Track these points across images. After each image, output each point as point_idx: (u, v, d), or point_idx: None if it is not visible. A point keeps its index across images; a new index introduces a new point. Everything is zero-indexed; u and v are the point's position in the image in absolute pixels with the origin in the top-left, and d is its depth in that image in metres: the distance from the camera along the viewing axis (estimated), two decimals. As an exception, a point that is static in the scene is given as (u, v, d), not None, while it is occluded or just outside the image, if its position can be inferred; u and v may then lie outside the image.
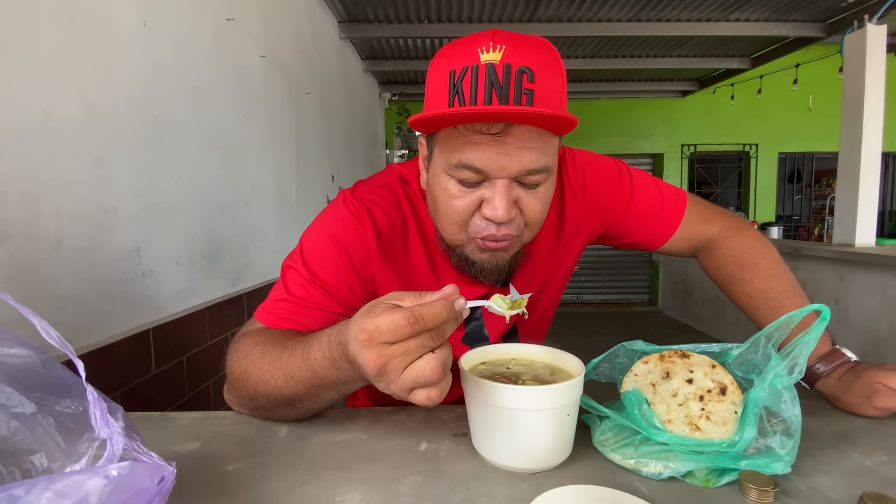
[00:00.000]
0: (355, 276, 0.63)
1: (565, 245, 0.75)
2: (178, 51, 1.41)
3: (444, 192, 0.57)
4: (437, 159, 0.58)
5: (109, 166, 1.13)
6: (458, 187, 0.56)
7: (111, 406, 0.38)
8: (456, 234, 0.60)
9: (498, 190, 0.54)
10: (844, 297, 3.08)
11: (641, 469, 0.48)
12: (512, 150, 0.53)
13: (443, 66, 0.54)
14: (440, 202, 0.58)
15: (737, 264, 0.76)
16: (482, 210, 0.56)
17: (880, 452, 0.51)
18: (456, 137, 0.54)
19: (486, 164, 0.53)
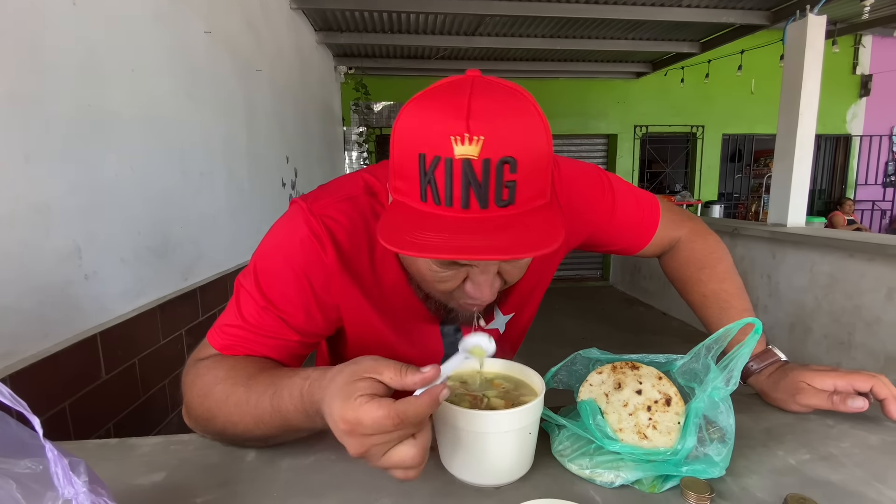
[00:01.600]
0: (314, 303, 0.60)
1: (548, 260, 0.75)
2: (113, 30, 1.29)
3: (427, 269, 0.54)
4: None
5: (41, 162, 1.04)
6: (442, 270, 0.53)
7: (72, 461, 0.37)
8: (439, 296, 0.59)
9: (482, 279, 0.53)
10: (776, 272, 3.35)
11: (596, 478, 0.52)
12: None
13: (409, 139, 0.47)
14: (423, 274, 0.55)
15: (697, 266, 0.80)
16: (466, 286, 0.55)
17: (803, 450, 0.58)
18: None
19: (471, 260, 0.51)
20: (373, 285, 0.63)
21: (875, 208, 6.37)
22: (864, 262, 2.71)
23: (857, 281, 2.75)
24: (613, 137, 6.06)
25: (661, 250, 0.86)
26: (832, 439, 0.61)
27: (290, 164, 3.09)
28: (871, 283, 2.67)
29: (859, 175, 6.29)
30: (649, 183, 6.34)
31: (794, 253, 3.19)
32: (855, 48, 5.89)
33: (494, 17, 3.78)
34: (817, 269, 3.01)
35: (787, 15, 3.41)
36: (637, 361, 0.60)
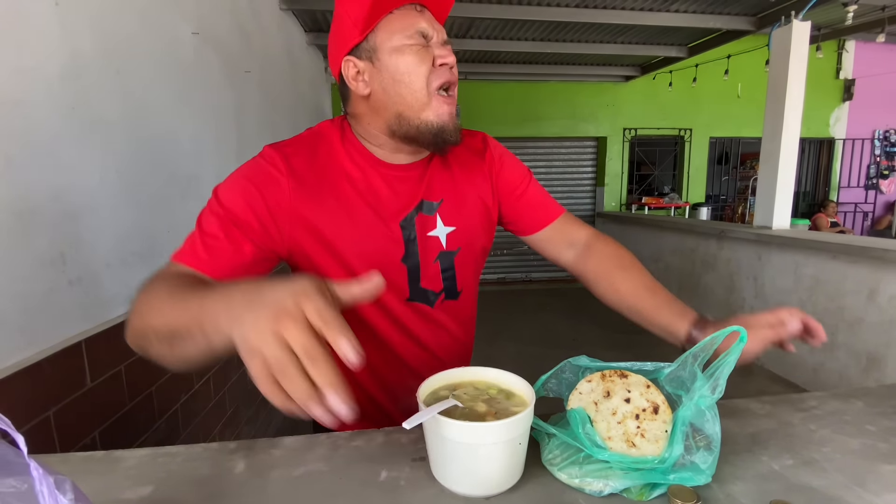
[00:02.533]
0: (268, 214, 0.66)
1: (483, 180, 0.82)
2: (98, 31, 1.27)
3: (411, 64, 0.67)
4: (384, 46, 0.67)
5: (23, 166, 1.02)
6: (418, 52, 0.67)
7: (58, 479, 0.37)
8: (423, 95, 0.68)
9: (443, 45, 0.70)
10: (761, 274, 3.40)
11: (585, 487, 0.52)
12: (433, 21, 0.70)
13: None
14: (405, 73, 0.67)
15: (618, 264, 0.83)
16: (437, 61, 0.68)
17: (787, 455, 0.59)
18: (399, 19, 0.67)
19: (428, 29, 0.68)
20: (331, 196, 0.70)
21: (857, 210, 6.49)
22: (846, 263, 2.77)
23: (840, 282, 2.80)
24: (603, 140, 6.10)
25: (566, 243, 0.88)
26: (814, 444, 0.62)
27: (280, 166, 3.07)
28: (853, 285, 2.72)
29: (842, 178, 6.41)
30: (638, 185, 6.40)
31: (779, 255, 3.25)
32: (838, 53, 6.01)
33: (485, 20, 3.79)
34: (801, 271, 3.07)
35: (773, 21, 3.47)
36: (626, 370, 0.61)
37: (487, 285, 6.12)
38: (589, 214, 6.34)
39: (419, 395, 0.53)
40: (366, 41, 0.68)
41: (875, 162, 6.41)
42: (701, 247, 4.09)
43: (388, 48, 0.67)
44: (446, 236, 0.76)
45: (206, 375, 1.82)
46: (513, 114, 5.83)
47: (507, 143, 6.18)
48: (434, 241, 0.75)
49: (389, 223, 0.72)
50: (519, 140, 6.01)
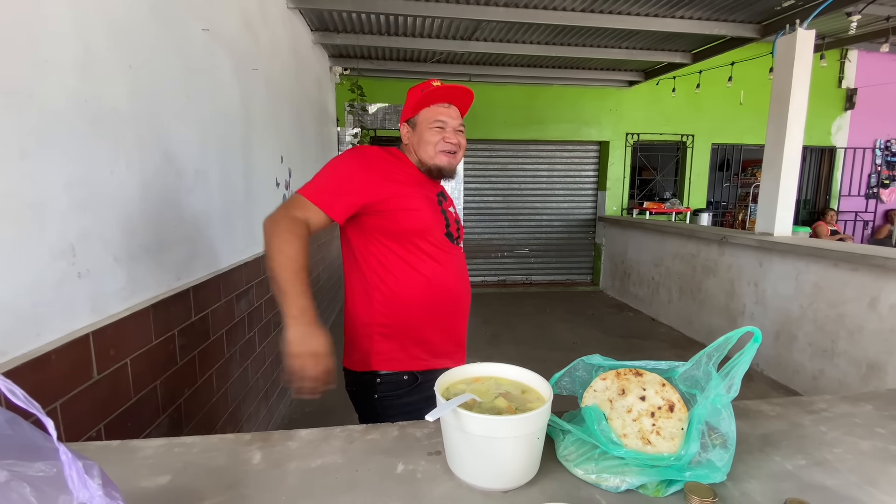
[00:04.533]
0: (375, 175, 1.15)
1: None
2: (110, 26, 1.28)
3: (430, 134, 1.20)
4: (421, 124, 1.21)
5: (36, 158, 1.02)
6: (436, 131, 1.20)
7: (86, 464, 0.37)
8: (433, 151, 1.20)
9: (451, 132, 1.21)
10: (763, 280, 3.41)
11: (601, 483, 0.53)
12: (454, 115, 1.22)
13: (416, 90, 1.23)
14: (427, 138, 1.20)
15: None
16: (445, 139, 1.20)
17: (799, 456, 0.59)
18: (430, 112, 1.21)
19: (445, 119, 1.20)
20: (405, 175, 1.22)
21: (858, 219, 6.51)
22: (848, 271, 2.77)
23: (840, 290, 2.81)
24: (605, 144, 6.12)
25: None
26: (826, 445, 0.62)
27: (285, 164, 3.07)
28: (854, 293, 2.73)
29: (843, 186, 6.43)
30: (639, 190, 6.41)
31: (780, 262, 3.26)
32: (841, 62, 6.03)
33: (490, 23, 3.80)
34: (803, 278, 3.08)
35: (777, 29, 3.49)
36: (640, 368, 0.61)
37: (488, 287, 6.12)
38: (590, 218, 6.35)
39: (438, 389, 0.53)
40: (413, 118, 1.24)
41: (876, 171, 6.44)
42: (702, 252, 4.10)
43: (422, 125, 1.21)
44: (454, 211, 1.31)
45: (210, 371, 1.82)
46: (516, 116, 5.84)
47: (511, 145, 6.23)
48: (452, 212, 1.28)
49: (430, 194, 1.24)
50: (522, 143, 6.02)
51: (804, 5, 3.32)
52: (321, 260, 4.08)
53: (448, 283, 1.21)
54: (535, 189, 6.20)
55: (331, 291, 4.55)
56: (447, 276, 1.20)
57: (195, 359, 1.70)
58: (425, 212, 1.17)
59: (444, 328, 1.21)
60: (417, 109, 1.21)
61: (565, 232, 6.36)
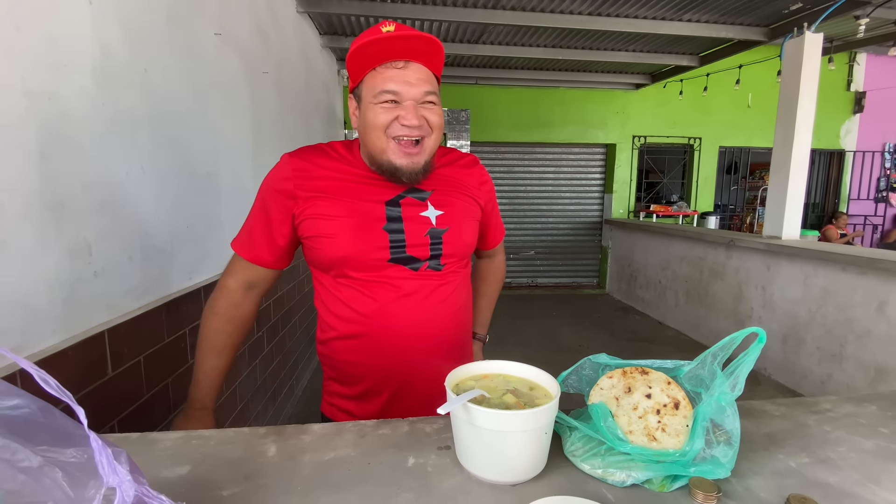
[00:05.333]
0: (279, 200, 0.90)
1: (473, 183, 0.99)
2: (128, 30, 1.31)
3: (373, 116, 0.80)
4: (365, 99, 0.82)
5: (56, 159, 1.05)
6: (382, 108, 0.80)
7: (115, 451, 0.39)
8: (381, 140, 0.81)
9: (408, 108, 0.79)
10: (770, 284, 3.40)
11: (608, 478, 0.54)
12: (412, 80, 0.79)
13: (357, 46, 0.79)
14: (370, 122, 0.81)
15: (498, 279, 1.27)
16: (399, 120, 0.80)
17: (803, 454, 0.60)
18: (375, 77, 0.80)
19: (397, 88, 0.79)
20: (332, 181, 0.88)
21: (867, 223, 6.46)
22: (856, 275, 2.76)
23: (849, 294, 2.80)
24: (612, 147, 6.12)
25: (489, 255, 1.20)
26: (830, 444, 0.63)
27: (293, 166, 3.10)
28: (862, 297, 2.71)
29: (852, 190, 6.39)
30: (646, 193, 6.40)
31: (788, 265, 3.24)
32: (849, 65, 6.00)
33: (497, 26, 3.83)
34: (811, 282, 3.06)
35: (785, 32, 3.48)
36: (646, 367, 0.62)
37: (493, 289, 6.13)
38: (597, 221, 6.34)
39: (448, 385, 0.55)
40: (357, 88, 0.85)
41: (885, 175, 6.38)
42: (709, 255, 4.08)
43: (365, 100, 0.82)
44: (436, 218, 0.90)
45: (219, 370, 1.85)
46: (523, 119, 5.86)
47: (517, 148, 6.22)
48: (424, 218, 0.89)
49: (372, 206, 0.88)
50: (528, 145, 6.04)
51: (812, 9, 3.31)
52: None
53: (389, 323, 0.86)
54: (541, 191, 6.21)
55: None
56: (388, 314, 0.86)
57: (205, 357, 1.73)
58: (343, 237, 0.84)
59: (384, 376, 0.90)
60: (360, 74, 0.81)
61: (571, 234, 6.36)
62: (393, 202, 0.87)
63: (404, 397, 0.89)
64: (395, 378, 0.88)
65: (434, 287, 0.88)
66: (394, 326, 0.86)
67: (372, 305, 0.87)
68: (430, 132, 0.82)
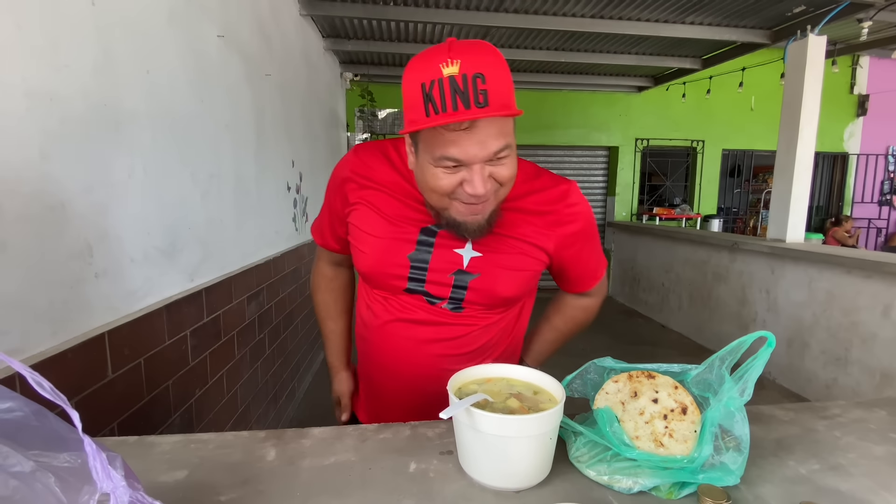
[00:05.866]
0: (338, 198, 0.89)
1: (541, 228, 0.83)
2: (130, 31, 1.31)
3: (432, 177, 0.70)
4: (422, 154, 0.70)
5: (57, 160, 1.05)
6: (443, 172, 0.69)
7: (110, 455, 0.38)
8: (442, 201, 0.72)
9: (476, 172, 0.67)
10: (775, 287, 3.37)
11: (614, 485, 0.53)
12: (481, 138, 0.65)
13: (414, 80, 0.66)
14: (430, 184, 0.71)
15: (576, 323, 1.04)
16: (464, 187, 0.69)
17: (813, 461, 0.59)
18: (436, 136, 0.66)
19: (462, 154, 0.66)
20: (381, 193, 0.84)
21: (871, 226, 6.42)
22: (861, 278, 2.74)
23: (854, 297, 2.77)
24: (615, 150, 6.11)
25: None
26: (840, 450, 0.62)
27: (296, 168, 3.11)
28: (867, 300, 2.69)
29: (856, 193, 6.36)
30: (649, 195, 6.38)
31: (792, 268, 3.22)
32: (853, 68, 5.98)
33: (500, 29, 3.83)
34: (815, 285, 3.04)
35: (788, 34, 3.47)
36: (652, 371, 0.61)
37: (495, 292, 6.11)
38: (600, 224, 6.33)
39: (450, 389, 0.54)
40: (414, 134, 0.71)
41: (889, 178, 6.35)
42: (713, 259, 4.06)
43: (423, 157, 0.71)
44: (470, 258, 0.81)
45: (220, 372, 1.84)
46: (525, 121, 5.85)
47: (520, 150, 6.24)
48: (456, 257, 0.80)
49: (411, 226, 0.82)
50: (531, 147, 6.03)
51: (815, 11, 3.30)
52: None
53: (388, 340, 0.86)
54: (543, 194, 6.19)
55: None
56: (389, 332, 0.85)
57: (206, 359, 1.72)
58: (369, 254, 0.83)
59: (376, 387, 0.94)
60: (416, 122, 0.66)
61: (573, 237, 6.33)
62: (429, 230, 0.81)
63: (385, 415, 0.88)
64: (381, 394, 0.93)
65: (445, 325, 0.83)
66: (391, 345, 0.86)
67: (378, 319, 0.87)
68: (498, 188, 0.71)
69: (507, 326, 0.90)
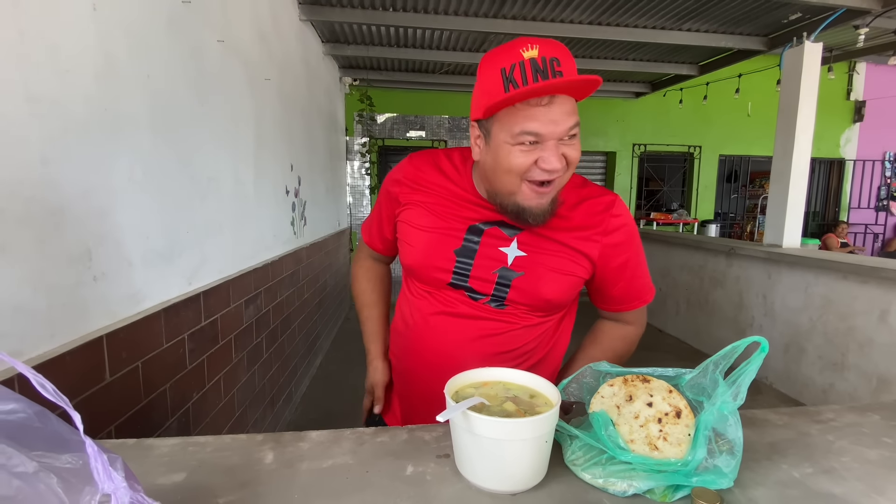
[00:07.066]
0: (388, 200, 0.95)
1: (586, 237, 0.84)
2: (130, 36, 1.32)
3: (509, 156, 0.73)
4: (497, 135, 0.74)
5: (57, 164, 1.05)
6: (521, 150, 0.72)
7: (111, 457, 0.38)
8: (514, 183, 0.75)
9: (550, 149, 0.72)
10: (771, 292, 3.39)
11: (609, 488, 0.53)
12: (557, 116, 0.70)
13: (494, 65, 0.72)
14: (504, 165, 0.74)
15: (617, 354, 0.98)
16: (539, 164, 0.72)
17: (807, 464, 0.59)
18: (515, 114, 0.70)
19: (542, 128, 0.70)
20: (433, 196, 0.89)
21: (868, 231, 6.46)
22: (857, 284, 2.75)
23: (850, 303, 2.79)
24: (612, 155, 6.14)
25: (615, 318, 0.98)
26: (833, 454, 0.62)
27: (294, 172, 3.11)
28: (864, 305, 2.70)
29: (852, 198, 6.39)
30: (646, 200, 6.41)
31: (789, 273, 3.24)
32: (849, 75, 6.03)
33: (499, 35, 3.86)
34: (812, 290, 3.05)
35: (785, 41, 3.51)
36: (647, 375, 0.62)
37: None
38: (596, 228, 6.34)
39: (447, 393, 0.54)
40: (487, 120, 0.75)
41: (886, 184, 6.39)
42: (710, 263, 4.08)
43: (498, 138, 0.74)
44: (515, 257, 0.83)
45: (218, 376, 1.84)
46: (523, 127, 5.88)
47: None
48: (501, 255, 0.83)
49: (459, 223, 0.85)
50: (528, 153, 6.05)
51: (812, 18, 3.34)
52: (328, 266, 4.11)
53: (426, 335, 0.88)
54: (541, 199, 6.21)
55: (337, 298, 4.57)
56: (430, 326, 0.88)
57: (204, 363, 1.72)
58: (417, 248, 0.87)
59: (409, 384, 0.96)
60: (491, 112, 0.72)
61: (572, 242, 6.35)
62: (476, 228, 0.84)
63: (417, 413, 0.92)
64: (416, 391, 0.92)
65: (487, 321, 0.84)
66: (432, 337, 0.87)
67: (421, 313, 0.89)
68: (566, 169, 0.75)
69: (548, 332, 0.90)
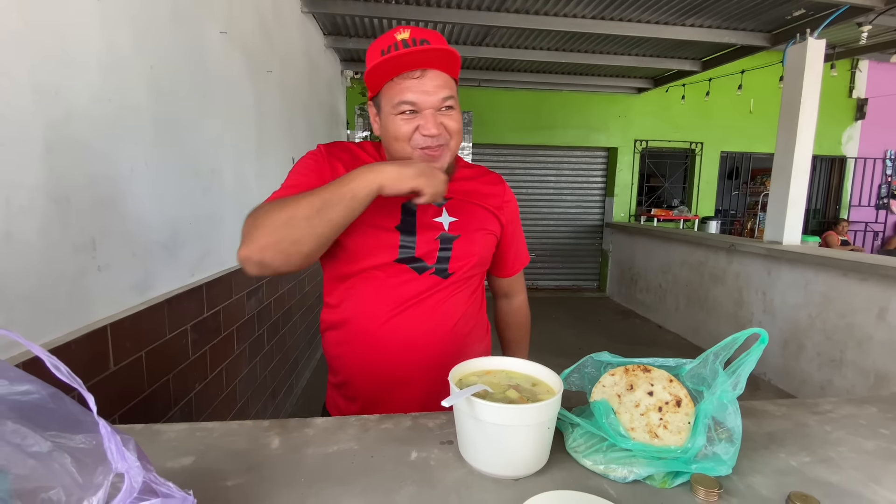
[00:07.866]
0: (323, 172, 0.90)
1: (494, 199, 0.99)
2: (134, 28, 1.32)
3: (394, 125, 0.82)
4: (384, 109, 0.83)
5: (62, 154, 1.06)
6: (402, 119, 0.81)
7: (124, 438, 0.39)
8: (405, 150, 0.83)
9: (428, 117, 0.81)
10: (771, 289, 3.40)
11: (609, 474, 0.54)
12: (429, 87, 0.80)
13: (375, 49, 0.82)
14: (392, 133, 0.83)
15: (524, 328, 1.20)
16: (420, 131, 0.81)
17: (804, 453, 0.60)
18: (392, 87, 0.81)
19: (416, 98, 0.80)
20: None
21: (868, 229, 6.46)
22: (856, 281, 2.76)
23: (849, 300, 2.80)
24: (614, 151, 6.13)
25: (506, 292, 1.14)
26: (830, 444, 0.63)
27: (296, 166, 3.11)
28: (863, 303, 2.72)
29: (853, 196, 6.39)
30: (647, 197, 6.41)
31: (789, 270, 3.25)
32: (852, 72, 6.01)
33: (501, 29, 3.84)
34: (811, 288, 3.06)
35: (788, 38, 3.49)
36: (648, 365, 0.63)
37: (493, 292, 6.13)
38: (598, 224, 6.35)
39: (451, 380, 0.55)
40: (377, 97, 0.85)
41: (886, 182, 6.39)
42: (710, 260, 4.09)
43: (385, 110, 0.83)
44: (449, 224, 0.93)
45: (220, 367, 1.85)
46: (525, 122, 5.87)
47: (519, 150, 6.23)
48: (437, 224, 0.91)
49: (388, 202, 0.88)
50: (530, 148, 6.05)
51: (814, 15, 3.33)
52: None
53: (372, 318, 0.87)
54: (542, 194, 6.22)
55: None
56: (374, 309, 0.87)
57: (206, 354, 1.73)
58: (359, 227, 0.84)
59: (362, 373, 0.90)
60: (378, 84, 0.82)
61: (572, 237, 6.37)
62: (408, 206, 0.90)
63: (382, 401, 0.87)
64: (373, 378, 0.88)
65: (433, 293, 0.88)
66: (376, 322, 0.86)
67: (360, 298, 0.89)
68: (449, 138, 0.84)
69: (478, 292, 1.00)
